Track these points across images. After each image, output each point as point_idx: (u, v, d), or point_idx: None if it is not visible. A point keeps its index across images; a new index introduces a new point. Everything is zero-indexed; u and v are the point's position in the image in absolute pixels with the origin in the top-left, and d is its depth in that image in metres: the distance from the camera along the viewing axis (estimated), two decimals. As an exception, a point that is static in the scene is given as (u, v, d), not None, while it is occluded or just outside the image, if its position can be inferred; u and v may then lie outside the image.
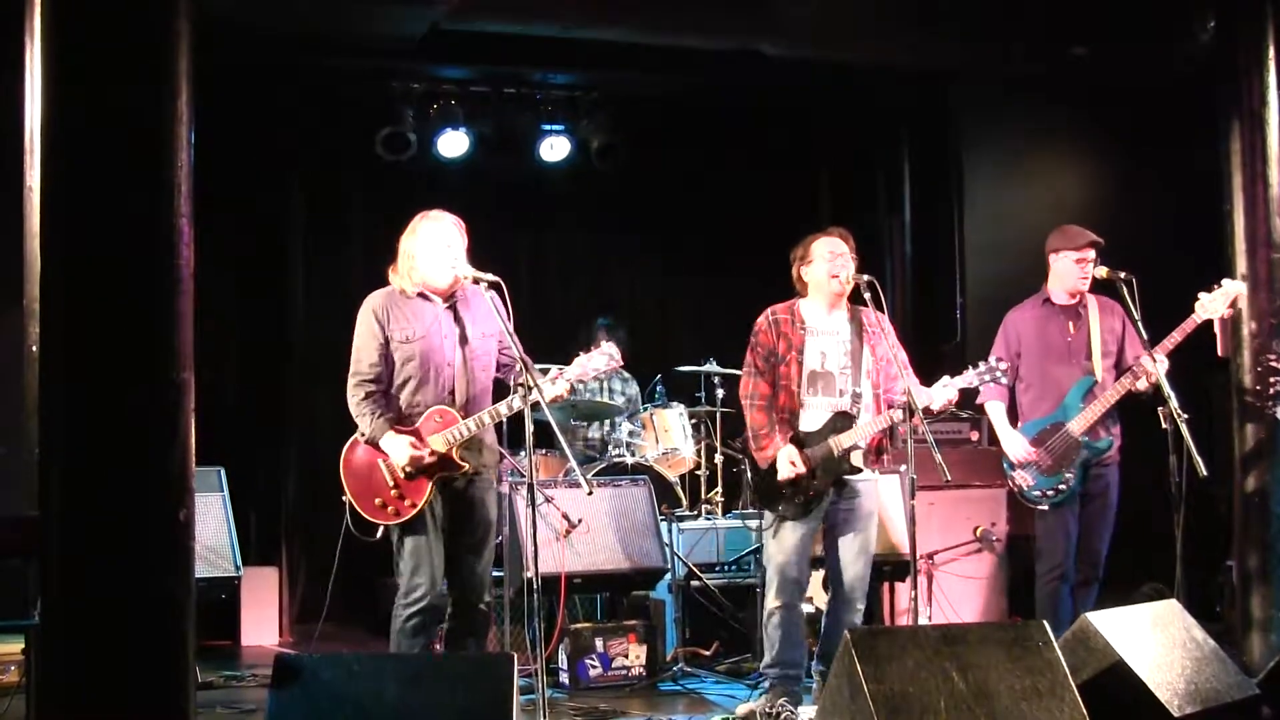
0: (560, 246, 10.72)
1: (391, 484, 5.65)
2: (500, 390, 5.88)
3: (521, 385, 5.56)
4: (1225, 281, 6.61)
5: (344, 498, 5.72)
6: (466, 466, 5.71)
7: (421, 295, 5.81)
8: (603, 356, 5.75)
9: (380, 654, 5.76)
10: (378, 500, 5.66)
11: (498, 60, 9.44)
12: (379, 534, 5.71)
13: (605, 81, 9.84)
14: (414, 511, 5.64)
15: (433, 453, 5.65)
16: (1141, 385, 6.55)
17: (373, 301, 5.82)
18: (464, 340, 5.80)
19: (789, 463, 6.07)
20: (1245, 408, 6.92)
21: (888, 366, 6.23)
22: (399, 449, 5.62)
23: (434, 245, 5.77)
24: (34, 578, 3.96)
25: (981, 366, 6.10)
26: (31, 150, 4.06)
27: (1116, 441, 6.77)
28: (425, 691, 4.40)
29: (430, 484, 5.66)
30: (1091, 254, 6.77)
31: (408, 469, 5.62)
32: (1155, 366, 6.41)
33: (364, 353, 5.75)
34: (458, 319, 5.82)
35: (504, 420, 5.92)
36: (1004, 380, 6.31)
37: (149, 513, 3.85)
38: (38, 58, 3.99)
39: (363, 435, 5.71)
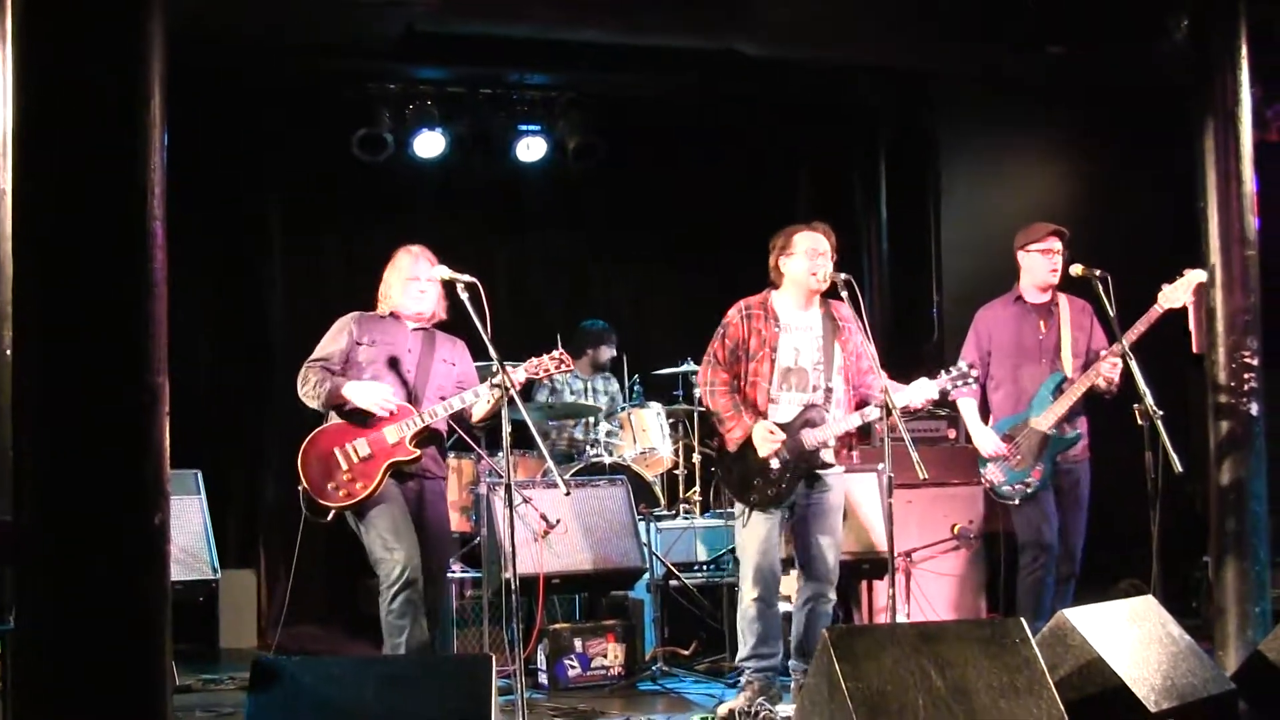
0: (537, 247, 10.70)
1: (345, 468, 5.94)
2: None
3: (497, 386, 5.68)
4: (1186, 270, 6.66)
5: (300, 486, 5.97)
6: (417, 455, 6.00)
7: (394, 316, 6.26)
8: (553, 361, 6.08)
9: (358, 656, 5.78)
10: (330, 484, 5.95)
11: (474, 61, 9.42)
12: (330, 517, 5.96)
13: (582, 82, 9.83)
14: (364, 494, 5.92)
15: (399, 406, 6.00)
16: (1102, 383, 6.58)
17: (349, 317, 6.26)
18: (425, 358, 6.20)
19: (766, 433, 6.08)
20: (1220, 404, 6.94)
21: (859, 362, 6.27)
22: (369, 390, 5.97)
23: (404, 279, 6.22)
24: (9, 582, 3.94)
25: (954, 372, 6.14)
26: (4, 152, 4.04)
27: (1085, 439, 6.81)
28: (403, 694, 4.39)
29: (382, 469, 5.95)
30: (1056, 244, 6.81)
31: (383, 406, 5.94)
32: (1114, 369, 6.46)
33: (329, 352, 6.17)
34: (422, 340, 6.24)
35: (484, 427, 6.14)
36: (974, 386, 6.37)
37: (124, 516, 3.84)
38: (9, 58, 3.97)
39: (321, 400, 6.02)
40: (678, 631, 7.68)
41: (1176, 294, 6.60)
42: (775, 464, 6.10)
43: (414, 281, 6.18)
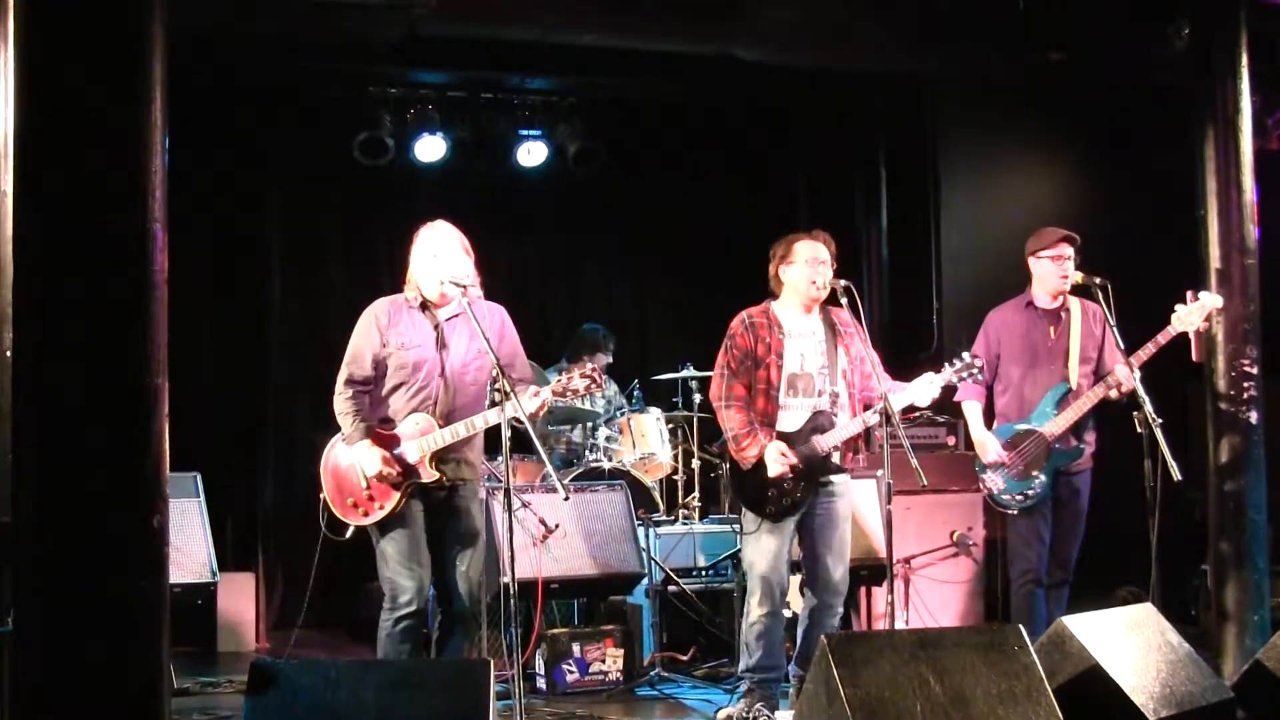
0: (537, 252, 10.71)
1: (364, 485, 5.70)
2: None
3: (497, 390, 5.56)
4: (1202, 295, 6.62)
5: (321, 494, 5.81)
6: (439, 477, 5.73)
7: (423, 305, 5.85)
8: (584, 380, 5.72)
9: (357, 660, 5.76)
10: (349, 500, 5.74)
11: (475, 65, 9.44)
12: (349, 534, 5.78)
13: (582, 86, 9.84)
14: (382, 514, 5.68)
15: (401, 469, 5.68)
16: (1114, 394, 6.57)
17: (376, 307, 5.88)
18: (455, 353, 5.82)
19: (779, 454, 6.07)
20: (1220, 412, 6.95)
21: (861, 365, 6.26)
22: (370, 460, 5.66)
23: (423, 255, 5.85)
24: (8, 584, 3.94)
25: (958, 363, 6.09)
26: (5, 154, 4.05)
27: (1090, 449, 6.77)
28: (402, 698, 4.39)
29: (399, 491, 5.69)
30: (1068, 250, 6.75)
31: (377, 477, 5.67)
32: (1130, 376, 6.42)
33: (358, 354, 5.80)
34: (453, 332, 5.85)
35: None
36: (980, 377, 6.29)
37: (123, 519, 3.84)
38: (11, 60, 3.97)
39: (343, 435, 5.77)
40: (676, 637, 7.67)
41: (1192, 318, 6.56)
42: (794, 466, 6.09)
43: (434, 259, 5.78)
